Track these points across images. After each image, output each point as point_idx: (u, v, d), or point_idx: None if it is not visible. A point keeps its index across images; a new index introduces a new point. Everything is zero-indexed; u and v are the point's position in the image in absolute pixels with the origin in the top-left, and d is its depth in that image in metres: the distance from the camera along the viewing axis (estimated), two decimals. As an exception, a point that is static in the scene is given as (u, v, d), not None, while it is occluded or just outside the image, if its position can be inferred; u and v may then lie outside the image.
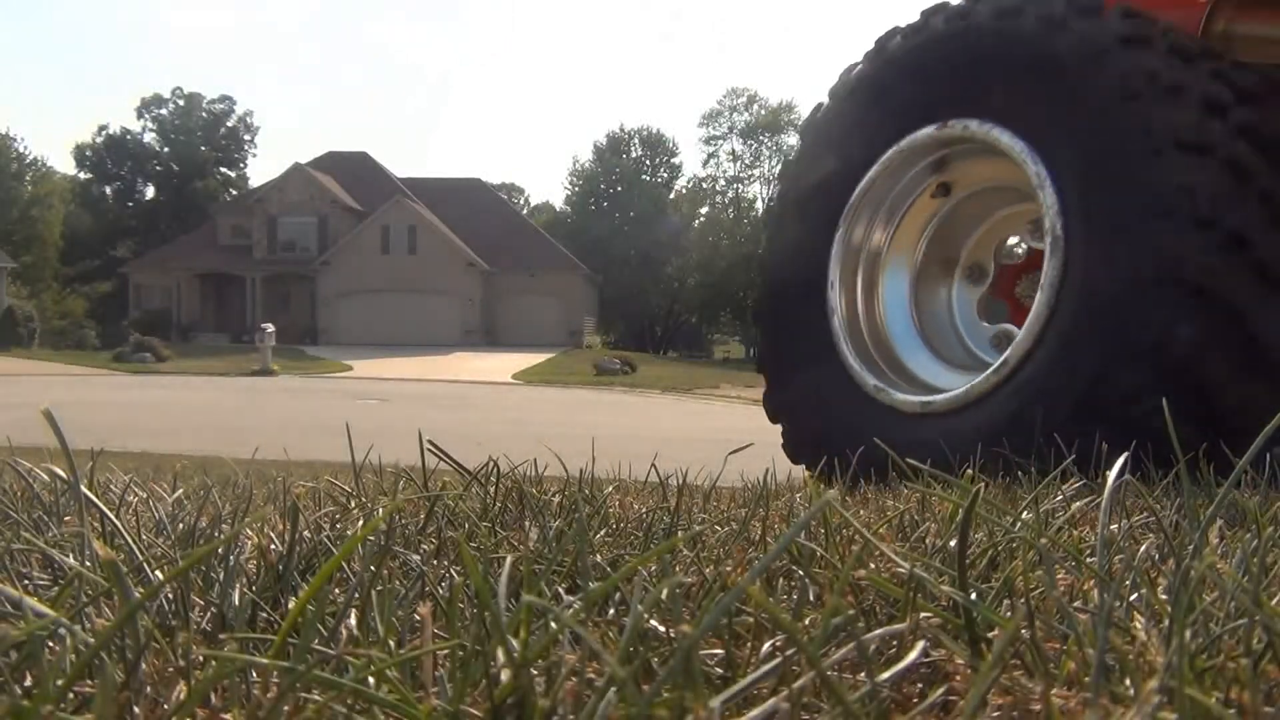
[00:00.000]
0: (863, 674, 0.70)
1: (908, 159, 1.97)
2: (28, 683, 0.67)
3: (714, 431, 12.12)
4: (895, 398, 1.94)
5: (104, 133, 64.38)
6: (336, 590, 0.98)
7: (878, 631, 0.78)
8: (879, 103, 1.99)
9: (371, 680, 0.65)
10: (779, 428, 2.34)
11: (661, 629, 0.79)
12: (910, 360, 2.00)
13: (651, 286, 59.42)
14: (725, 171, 72.38)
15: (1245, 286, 1.62)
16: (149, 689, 0.70)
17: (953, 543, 1.03)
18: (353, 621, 0.80)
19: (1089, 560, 0.99)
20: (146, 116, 64.31)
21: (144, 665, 0.71)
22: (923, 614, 0.80)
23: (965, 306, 2.06)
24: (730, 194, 72.06)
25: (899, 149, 1.95)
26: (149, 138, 64.29)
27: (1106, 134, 1.67)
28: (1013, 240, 2.16)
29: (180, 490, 1.85)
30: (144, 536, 1.19)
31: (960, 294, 2.05)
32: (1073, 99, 1.71)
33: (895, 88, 1.97)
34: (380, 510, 1.42)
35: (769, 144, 71.20)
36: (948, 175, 2.02)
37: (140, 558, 0.97)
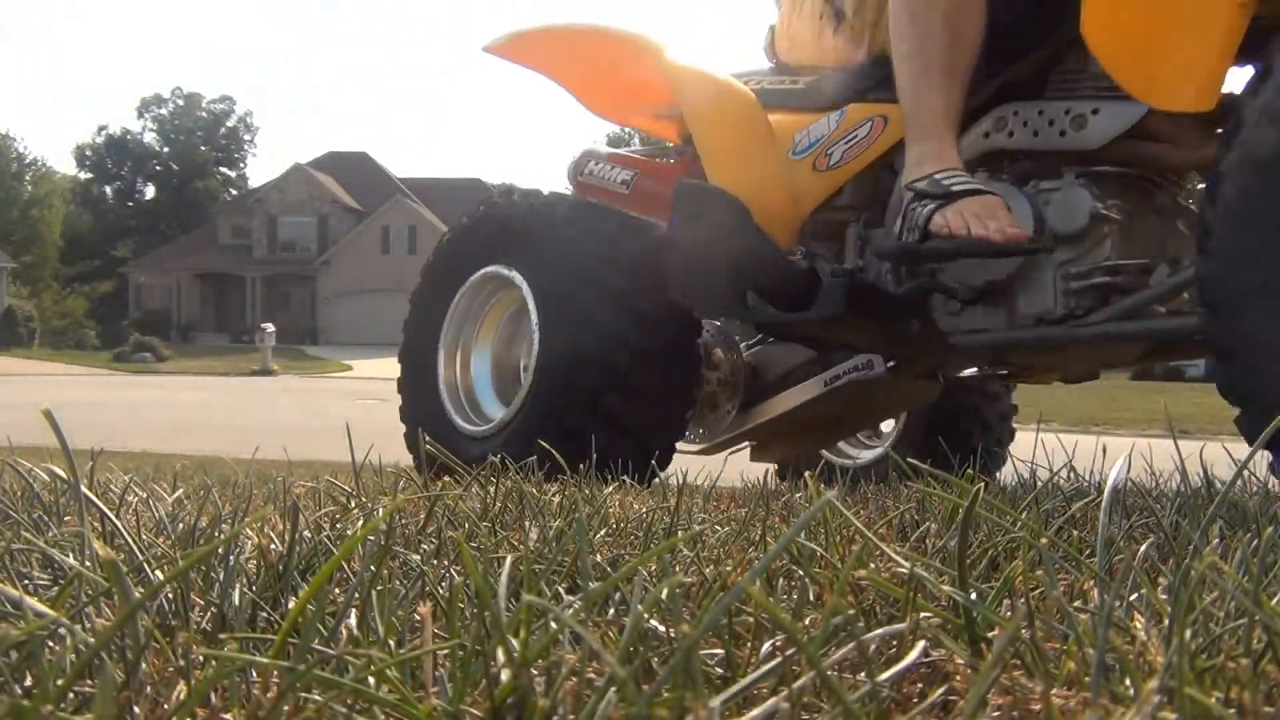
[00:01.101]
0: (863, 674, 0.70)
1: (478, 284, 3.16)
2: (28, 683, 0.67)
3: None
4: (470, 428, 3.09)
5: (104, 133, 64.40)
6: (336, 590, 0.98)
7: (878, 631, 0.78)
8: (466, 247, 3.20)
9: (371, 680, 0.65)
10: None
11: (661, 629, 0.79)
12: (485, 405, 3.16)
13: (651, 286, 59.33)
14: (725, 171, 72.17)
15: (626, 355, 2.78)
16: (149, 689, 0.70)
17: (953, 543, 1.03)
18: (353, 621, 0.80)
19: (1089, 560, 0.99)
20: (146, 116, 64.33)
21: (144, 665, 0.71)
22: (923, 614, 0.80)
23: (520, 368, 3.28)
24: (730, 194, 71.86)
25: (474, 278, 3.15)
26: (149, 138, 64.30)
27: (557, 271, 2.91)
28: None
29: (180, 490, 1.85)
30: (144, 536, 1.19)
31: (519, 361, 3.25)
32: (541, 250, 2.96)
33: (474, 238, 3.19)
34: (380, 510, 1.42)
35: (769, 144, 71.04)
36: (493, 307, 3.21)
37: (140, 558, 0.97)
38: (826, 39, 2.84)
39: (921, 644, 0.73)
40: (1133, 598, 0.86)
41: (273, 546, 1.03)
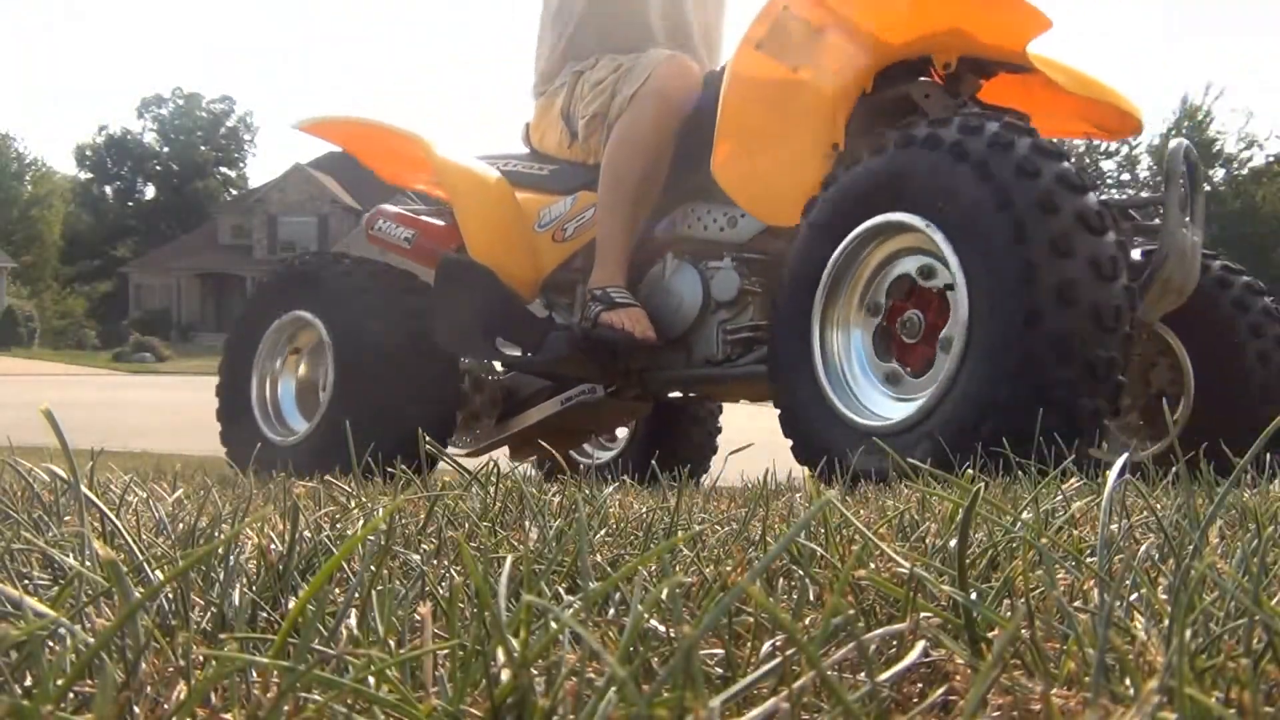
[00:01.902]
0: (863, 674, 0.70)
1: (280, 329, 3.89)
2: (28, 683, 0.67)
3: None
4: (276, 438, 3.81)
5: (104, 132, 64.41)
6: (336, 590, 0.98)
7: (878, 631, 0.78)
8: (274, 294, 3.94)
9: (371, 680, 0.65)
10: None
11: (661, 629, 0.79)
12: (290, 420, 3.89)
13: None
14: (725, 171, 72.29)
15: (404, 382, 3.62)
16: (149, 689, 0.70)
17: (953, 543, 1.03)
18: (353, 621, 0.80)
19: (1089, 560, 0.99)
20: (146, 116, 64.33)
21: (144, 665, 0.71)
22: (923, 614, 0.80)
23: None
24: (730, 194, 71.95)
25: (281, 319, 3.87)
26: (149, 138, 64.30)
27: (350, 318, 3.66)
28: None
29: (180, 490, 1.85)
30: (144, 536, 1.19)
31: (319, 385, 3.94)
32: (337, 300, 3.69)
33: (281, 288, 3.92)
34: (380, 510, 1.42)
35: (769, 144, 71.13)
36: (298, 341, 3.94)
37: (140, 558, 0.97)
38: (564, 146, 3.70)
39: (921, 644, 0.73)
40: (1133, 598, 0.86)
41: (273, 546, 1.03)
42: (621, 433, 4.56)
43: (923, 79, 2.97)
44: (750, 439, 2.40)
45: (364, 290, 3.68)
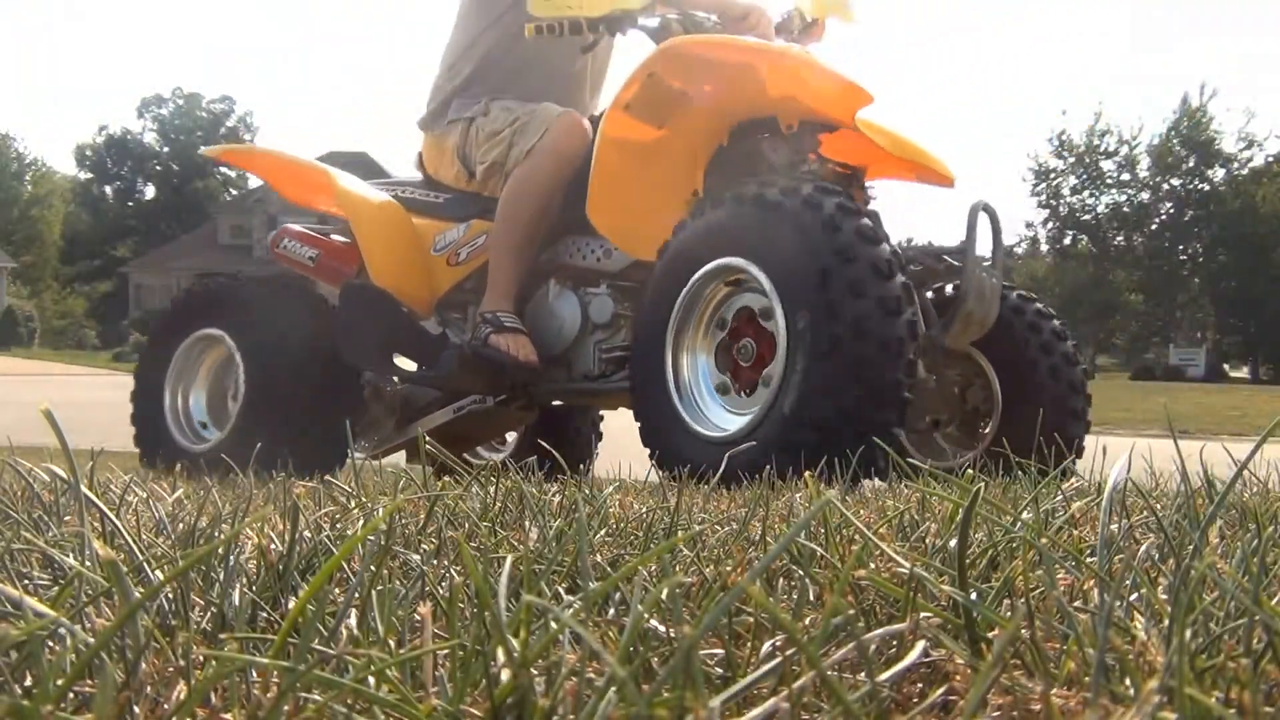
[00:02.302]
0: (863, 674, 0.70)
1: (192, 344, 4.21)
2: (28, 683, 0.67)
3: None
4: (193, 448, 4.09)
5: (104, 132, 64.41)
6: (336, 590, 0.98)
7: (878, 631, 0.78)
8: (186, 312, 4.30)
9: (371, 680, 0.65)
10: None
11: (661, 629, 0.79)
12: (203, 429, 4.22)
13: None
14: (725, 171, 72.32)
15: (309, 393, 3.98)
16: (149, 689, 0.70)
17: (953, 543, 1.03)
18: (353, 621, 0.80)
19: (1089, 560, 0.99)
20: (146, 116, 64.32)
21: (144, 665, 0.71)
22: (923, 614, 0.80)
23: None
24: (730, 194, 71.95)
25: (190, 337, 4.21)
26: (149, 137, 64.30)
27: (259, 335, 4.01)
28: None
29: (180, 490, 1.85)
30: (144, 536, 1.19)
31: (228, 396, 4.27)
32: (246, 318, 4.08)
33: (192, 306, 4.31)
34: (380, 510, 1.42)
35: (769, 144, 71.07)
36: (209, 356, 4.25)
37: (140, 558, 0.97)
38: (460, 179, 4.03)
39: (921, 644, 0.73)
40: (1133, 598, 0.86)
41: (273, 546, 1.03)
42: (510, 436, 4.93)
43: (771, 135, 3.49)
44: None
45: (271, 309, 4.09)
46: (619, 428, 3.86)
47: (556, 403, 4.27)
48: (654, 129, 3.48)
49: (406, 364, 4.10)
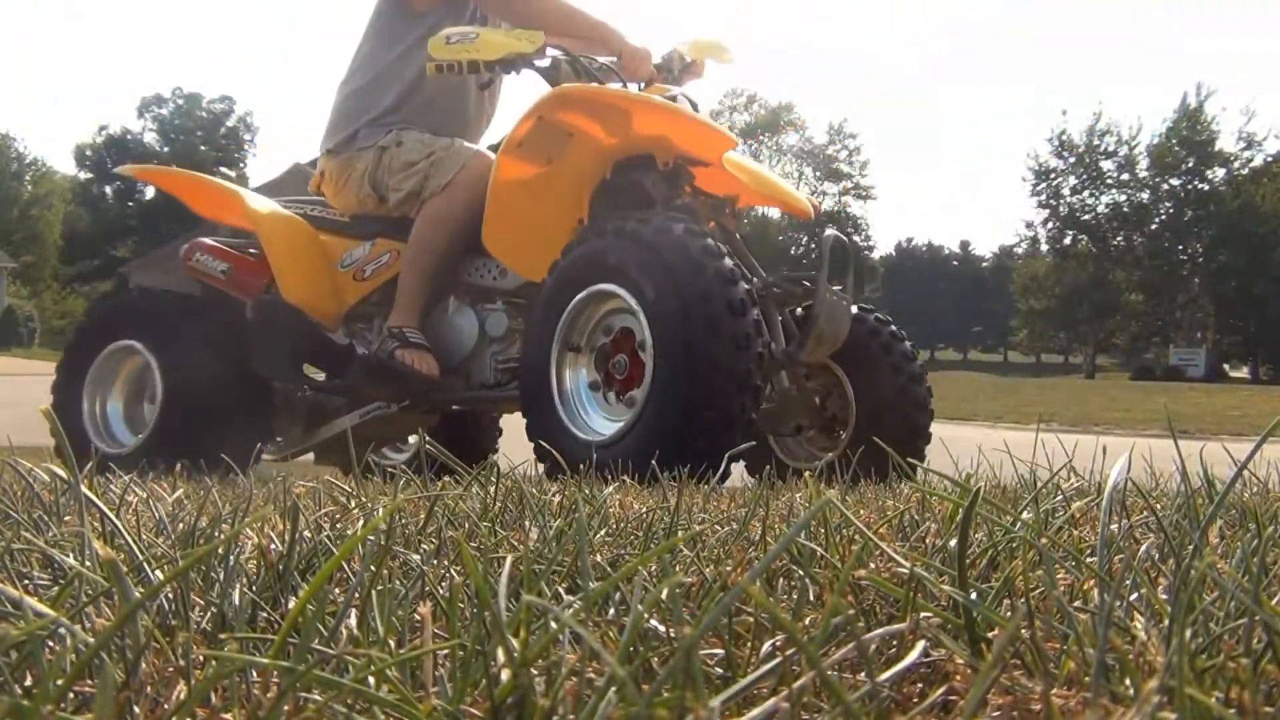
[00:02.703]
0: (863, 674, 0.70)
1: (109, 355, 4.37)
2: (28, 683, 0.67)
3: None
4: (106, 449, 4.15)
5: (104, 132, 64.40)
6: (336, 590, 0.98)
7: (878, 631, 0.78)
8: (103, 324, 4.47)
9: (371, 680, 0.65)
10: None
11: (661, 629, 0.79)
12: (118, 434, 4.35)
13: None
14: (725, 171, 72.32)
15: (225, 399, 4.20)
16: (149, 689, 0.70)
17: (953, 543, 1.03)
18: (353, 621, 0.80)
19: (1089, 560, 0.99)
20: (147, 116, 64.33)
21: (144, 665, 0.71)
22: (923, 614, 0.80)
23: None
24: (730, 194, 71.95)
25: (110, 347, 4.35)
26: (149, 137, 64.32)
27: (176, 346, 4.22)
28: None
29: (180, 490, 1.85)
30: (144, 536, 1.19)
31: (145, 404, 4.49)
32: (163, 330, 4.27)
33: (103, 320, 4.52)
34: (380, 510, 1.42)
35: (769, 144, 71.18)
36: (126, 366, 4.42)
37: (140, 558, 0.97)
38: (368, 202, 4.28)
39: (921, 644, 0.73)
40: (1133, 598, 0.86)
41: (273, 546, 1.03)
42: (413, 439, 5.21)
43: (650, 170, 3.89)
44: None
45: (186, 322, 4.33)
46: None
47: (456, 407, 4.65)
48: (543, 164, 3.89)
49: (316, 373, 4.39)
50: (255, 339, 4.20)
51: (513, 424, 4.15)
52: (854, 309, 3.94)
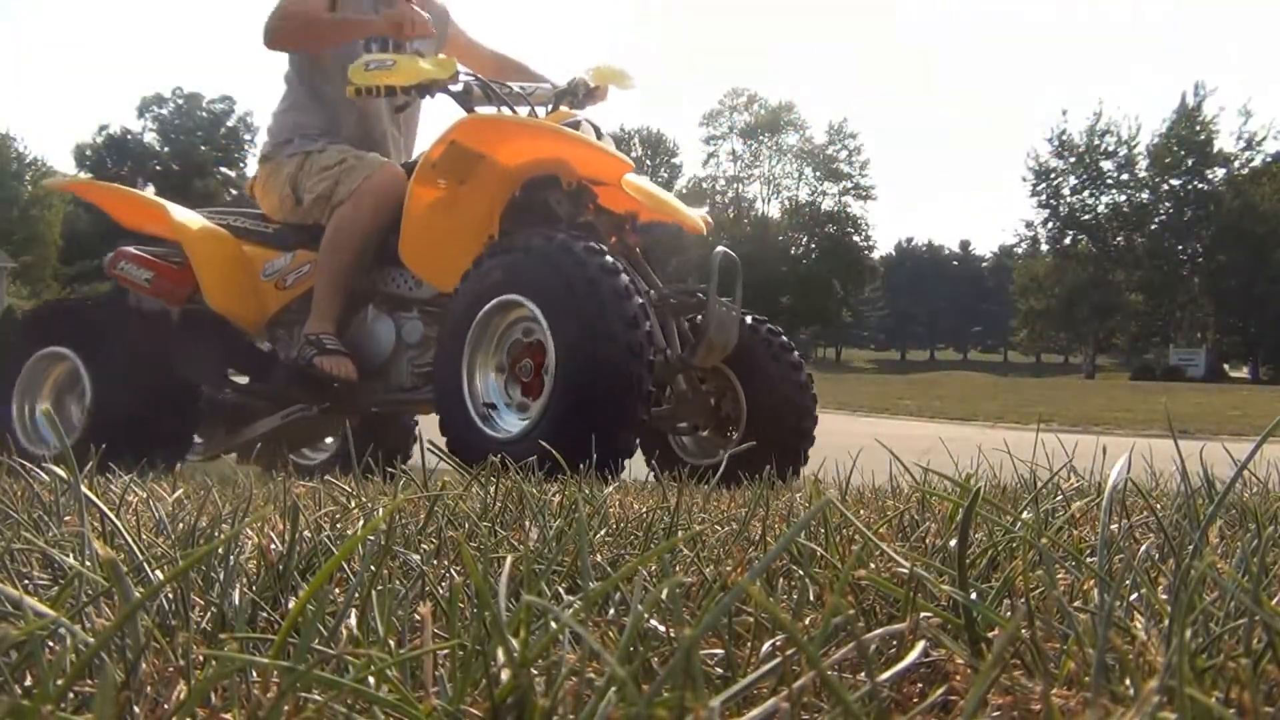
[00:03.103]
0: (863, 674, 0.70)
1: (41, 357, 4.45)
2: (28, 683, 0.67)
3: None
4: (34, 450, 4.29)
5: (104, 132, 64.38)
6: (336, 590, 0.98)
7: (878, 631, 0.78)
8: (33, 330, 4.57)
9: (371, 680, 0.65)
10: None
11: (661, 629, 0.79)
12: (47, 437, 4.42)
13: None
14: (725, 171, 72.49)
15: (153, 400, 4.24)
16: (149, 689, 0.70)
17: (953, 543, 1.03)
18: (353, 621, 0.80)
19: (1089, 560, 0.99)
20: (147, 116, 64.30)
21: (144, 665, 0.71)
22: (923, 614, 0.80)
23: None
24: (730, 194, 72.08)
25: (39, 352, 4.45)
26: (149, 137, 64.29)
27: (106, 352, 4.31)
28: None
29: (180, 490, 1.85)
30: (144, 536, 1.19)
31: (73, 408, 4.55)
32: (93, 337, 4.36)
33: (34, 327, 4.58)
34: (380, 510, 1.42)
35: (769, 144, 71.19)
36: (55, 372, 4.49)
37: (140, 558, 0.97)
38: (287, 204, 4.51)
39: (921, 644, 0.73)
40: (1133, 598, 0.86)
41: (273, 546, 1.03)
42: (330, 439, 5.47)
43: (555, 190, 4.19)
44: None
45: (114, 328, 4.46)
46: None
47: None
48: (456, 184, 4.19)
49: (239, 377, 4.65)
50: (181, 344, 4.42)
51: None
52: (748, 319, 4.28)
